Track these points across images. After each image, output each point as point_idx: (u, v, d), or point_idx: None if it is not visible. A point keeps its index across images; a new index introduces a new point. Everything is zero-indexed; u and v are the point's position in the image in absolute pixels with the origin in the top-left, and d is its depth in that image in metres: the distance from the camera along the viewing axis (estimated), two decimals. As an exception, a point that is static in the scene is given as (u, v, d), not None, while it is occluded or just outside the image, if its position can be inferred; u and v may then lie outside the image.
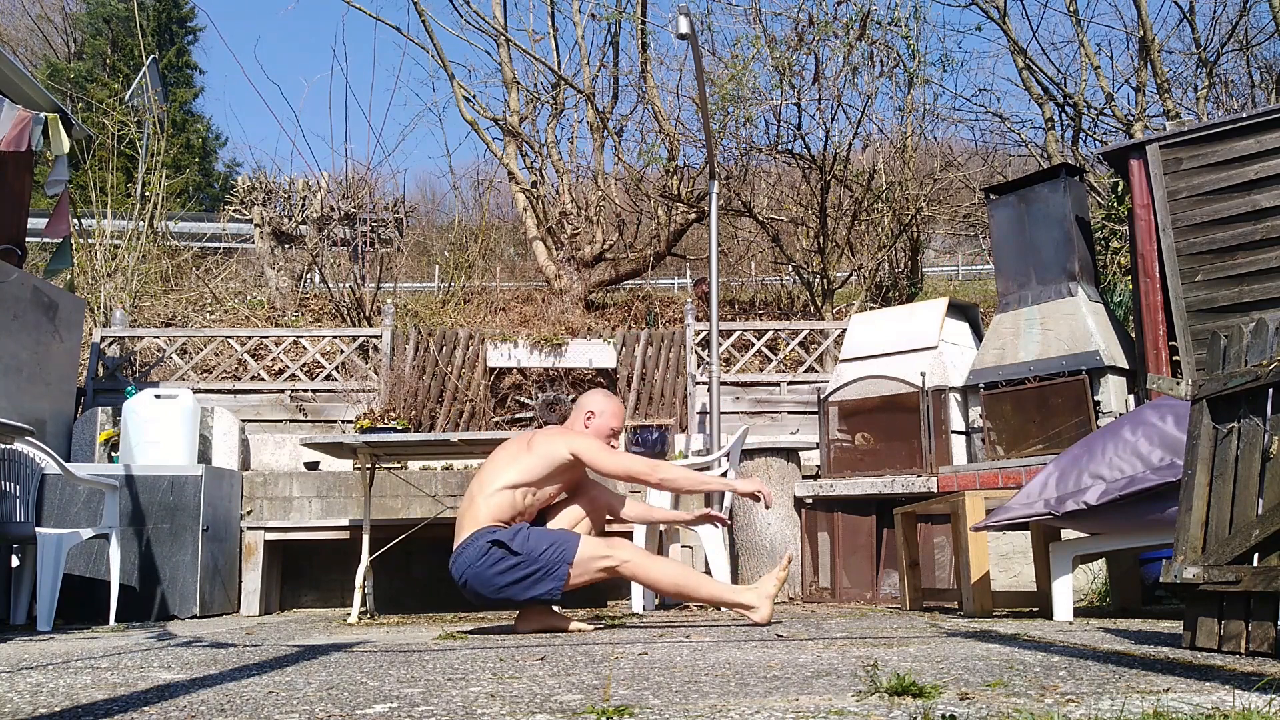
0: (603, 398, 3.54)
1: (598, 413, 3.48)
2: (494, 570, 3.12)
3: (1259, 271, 4.58)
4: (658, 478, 3.31)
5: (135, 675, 2.16)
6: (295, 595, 5.64)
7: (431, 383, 7.26)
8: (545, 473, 3.29)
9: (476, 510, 3.23)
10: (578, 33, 9.85)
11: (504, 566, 3.11)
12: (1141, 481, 2.95)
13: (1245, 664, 1.88)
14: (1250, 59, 9.99)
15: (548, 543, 3.15)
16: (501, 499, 3.23)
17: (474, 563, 3.14)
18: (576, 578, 3.13)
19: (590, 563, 3.14)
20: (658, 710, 1.46)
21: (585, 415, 3.49)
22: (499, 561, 3.11)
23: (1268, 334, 2.25)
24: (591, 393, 3.62)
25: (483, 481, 3.29)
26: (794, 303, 9.42)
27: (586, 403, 3.53)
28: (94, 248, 8.62)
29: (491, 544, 3.13)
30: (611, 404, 3.52)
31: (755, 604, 3.20)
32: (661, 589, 3.32)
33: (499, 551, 3.12)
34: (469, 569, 3.15)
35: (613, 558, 3.16)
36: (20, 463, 4.39)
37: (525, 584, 3.11)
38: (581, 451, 3.29)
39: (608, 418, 3.48)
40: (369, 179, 9.88)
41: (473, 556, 3.14)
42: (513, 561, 3.11)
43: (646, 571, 3.22)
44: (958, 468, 4.97)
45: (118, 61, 18.02)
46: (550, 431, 3.42)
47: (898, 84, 9.14)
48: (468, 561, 3.15)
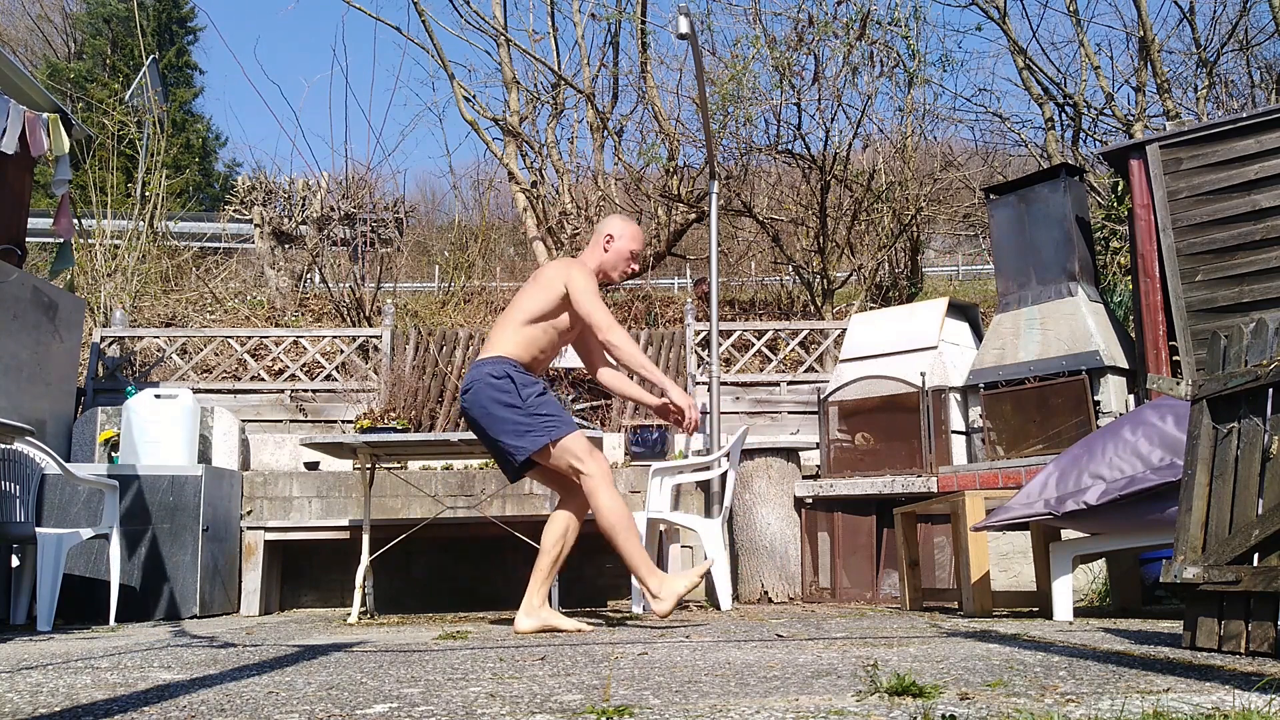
0: (620, 221, 3.58)
1: (617, 235, 3.51)
2: (496, 396, 3.23)
3: (1259, 271, 4.58)
4: (606, 336, 3.30)
5: (135, 675, 2.16)
6: (295, 595, 5.64)
7: (431, 383, 7.26)
8: (551, 305, 3.36)
9: (503, 338, 3.34)
10: (578, 33, 9.86)
11: (505, 400, 3.22)
12: (1141, 481, 2.95)
13: (1245, 664, 1.88)
14: (1250, 59, 9.99)
15: (548, 411, 3.25)
16: (524, 334, 3.35)
17: (488, 378, 3.25)
18: (552, 459, 3.23)
19: (565, 455, 3.22)
20: (658, 710, 1.46)
21: (604, 239, 3.52)
22: (505, 393, 3.23)
23: (1268, 334, 2.25)
24: (610, 217, 3.67)
25: (510, 315, 3.40)
26: (794, 303, 9.42)
27: (605, 226, 3.57)
28: (94, 248, 8.62)
29: (507, 375, 3.24)
30: (630, 227, 3.55)
31: (660, 595, 3.18)
32: (600, 519, 3.25)
33: (511, 386, 3.23)
34: (478, 381, 3.27)
35: (585, 466, 3.21)
36: (20, 463, 4.39)
37: (508, 427, 3.22)
38: (570, 280, 3.34)
39: (626, 240, 3.51)
40: (369, 179, 9.88)
41: (488, 373, 3.25)
42: (514, 401, 3.22)
43: (600, 496, 3.21)
44: (958, 468, 4.97)
45: (118, 61, 18.02)
46: (557, 263, 3.49)
47: (898, 84, 9.14)
48: (481, 375, 3.27)
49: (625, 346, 3.32)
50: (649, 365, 3.34)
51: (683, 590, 3.19)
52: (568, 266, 3.41)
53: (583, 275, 3.37)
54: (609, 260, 3.50)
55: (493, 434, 3.26)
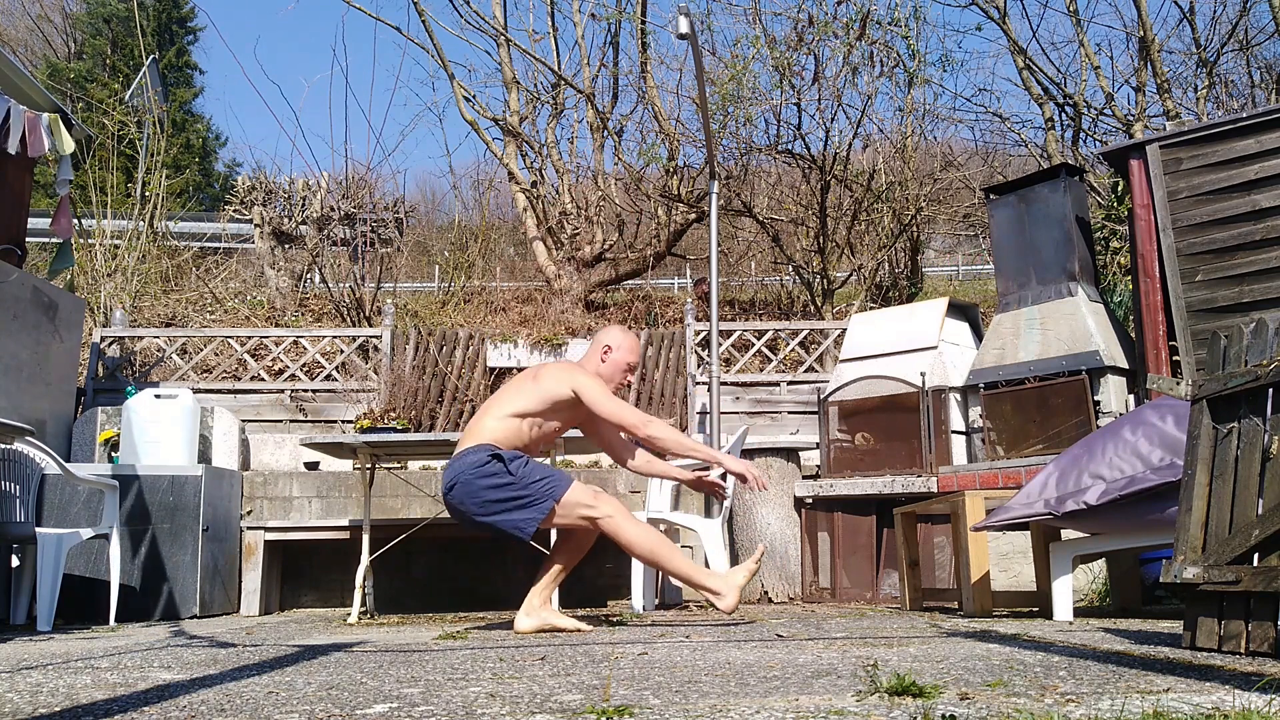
0: (620, 333, 3.54)
1: (614, 347, 3.48)
2: (484, 483, 3.14)
3: (1259, 271, 4.58)
4: (646, 432, 3.27)
5: (135, 675, 2.16)
6: (295, 595, 5.64)
7: (431, 383, 7.26)
8: (547, 406, 3.32)
9: (483, 427, 3.27)
10: (578, 33, 9.85)
11: (495, 483, 3.13)
12: (1141, 481, 2.95)
13: (1245, 664, 1.88)
14: (1250, 59, 9.99)
15: (541, 475, 3.19)
16: (509, 425, 3.28)
17: (468, 469, 3.15)
18: (559, 518, 3.18)
19: (574, 508, 3.17)
20: (658, 710, 1.46)
21: (602, 350, 3.49)
22: (492, 476, 3.14)
23: (1268, 334, 2.25)
24: (609, 328, 3.62)
25: (492, 406, 3.34)
26: (794, 303, 9.42)
27: (604, 338, 3.53)
28: (94, 248, 8.62)
29: (492, 457, 3.16)
30: (629, 340, 3.52)
31: (722, 591, 3.18)
32: (636, 553, 3.26)
33: (496, 466, 3.14)
34: (461, 475, 3.16)
35: (597, 509, 3.18)
36: (20, 463, 4.39)
37: (507, 506, 3.14)
38: (582, 390, 3.29)
39: (624, 353, 3.48)
40: (369, 179, 9.88)
41: (469, 464, 3.16)
42: (505, 480, 3.14)
43: (625, 532, 3.20)
44: (958, 468, 4.97)
45: (118, 61, 18.02)
46: (560, 366, 3.44)
47: (898, 84, 9.14)
48: (462, 467, 3.17)
49: (667, 436, 3.31)
50: (697, 446, 3.35)
51: (743, 581, 3.20)
52: (573, 372, 3.36)
53: (594, 381, 3.32)
54: (606, 371, 3.46)
55: (490, 519, 3.16)
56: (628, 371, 3.49)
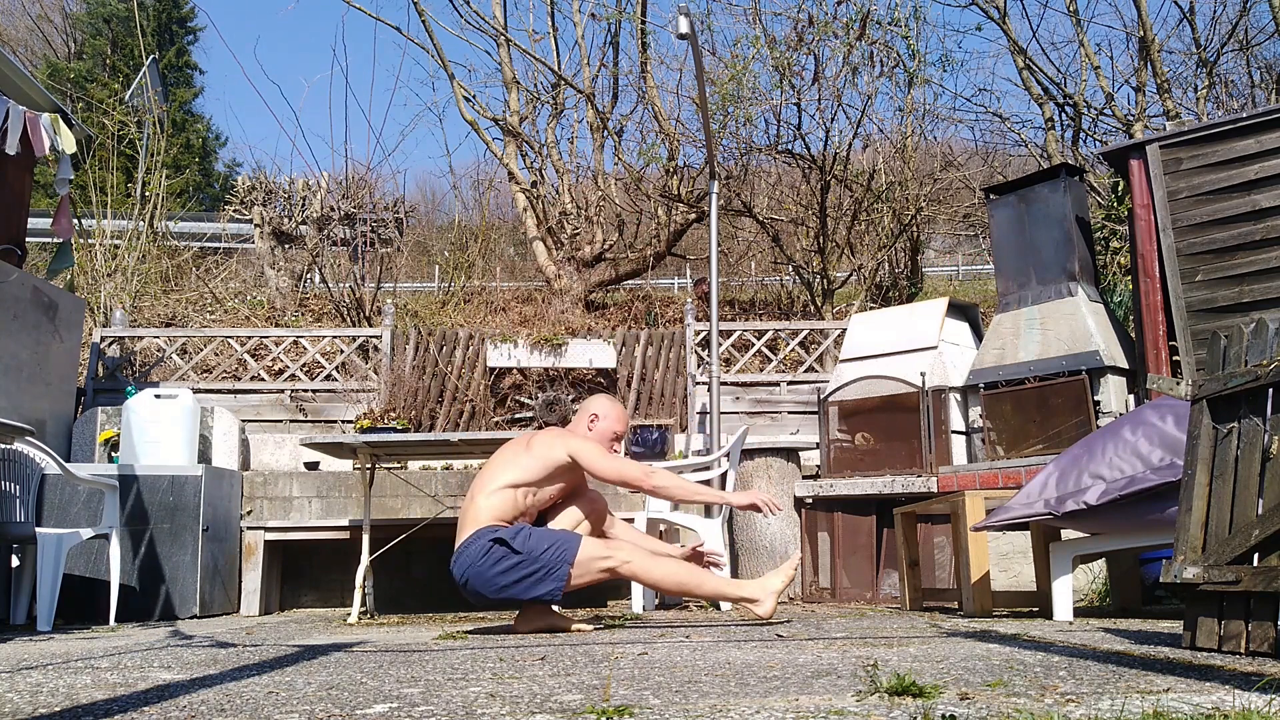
0: (607, 402, 3.55)
1: (601, 416, 3.49)
2: (495, 570, 3.11)
3: (1259, 271, 4.58)
4: (651, 484, 3.28)
5: (135, 675, 2.16)
6: (295, 595, 5.64)
7: (431, 383, 7.26)
8: (544, 474, 3.30)
9: (477, 509, 3.23)
10: (578, 33, 9.85)
11: (505, 566, 3.11)
12: (1141, 481, 2.95)
13: (1245, 664, 1.88)
14: (1250, 59, 9.99)
15: (549, 543, 3.14)
16: (503, 498, 3.24)
17: (475, 561, 3.13)
18: (578, 578, 3.13)
19: (591, 563, 3.14)
20: (658, 710, 1.46)
21: (589, 419, 3.49)
22: (500, 560, 3.11)
23: (1268, 334, 2.25)
24: (596, 397, 3.63)
25: (483, 481, 3.30)
26: (794, 303, 9.42)
27: (590, 406, 3.54)
28: (94, 248, 8.62)
29: (493, 542, 3.12)
30: (615, 409, 3.53)
31: (759, 597, 3.18)
32: (664, 588, 3.31)
33: (501, 550, 3.11)
34: (470, 568, 3.15)
35: (613, 558, 3.17)
36: (20, 463, 4.39)
37: (526, 583, 3.11)
38: (578, 454, 3.29)
39: (611, 422, 3.48)
40: (369, 179, 9.88)
41: (474, 555, 3.14)
42: (514, 560, 3.11)
43: (648, 572, 3.21)
44: (958, 468, 4.97)
45: (118, 61, 18.02)
46: (550, 433, 3.42)
47: (898, 84, 9.14)
48: (469, 560, 3.15)
49: (672, 484, 3.32)
50: (701, 491, 3.36)
51: (780, 587, 3.20)
52: (565, 438, 3.35)
53: (589, 444, 3.32)
54: (592, 440, 3.43)
55: (522, 597, 3.15)
56: (614, 440, 3.49)
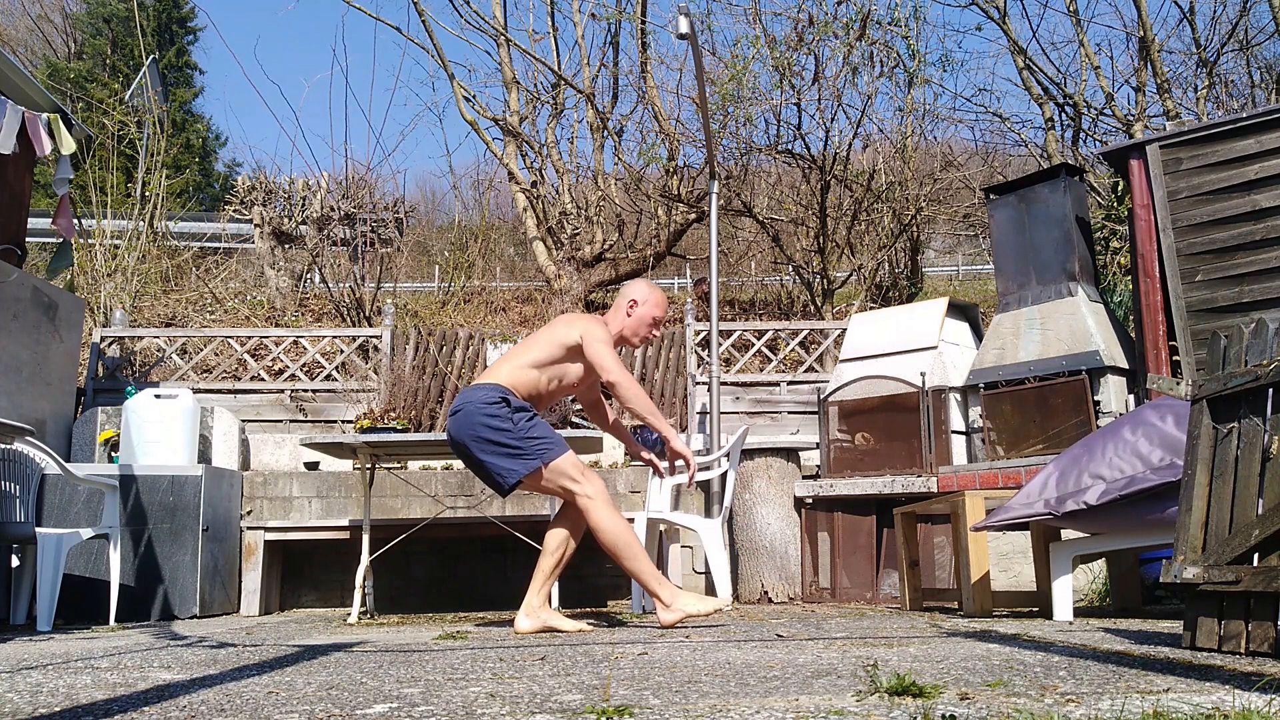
0: (646, 286, 3.56)
1: (640, 301, 3.49)
2: (484, 418, 3.17)
3: (1259, 271, 4.58)
4: (609, 378, 3.26)
5: (135, 675, 2.16)
6: (295, 595, 5.64)
7: (431, 383, 7.26)
8: (559, 355, 3.35)
9: (499, 371, 3.33)
10: (578, 33, 9.86)
11: (495, 424, 3.17)
12: (1141, 481, 2.95)
13: (1245, 664, 1.88)
14: (1250, 59, 9.99)
15: (540, 436, 3.21)
16: (525, 374, 3.33)
17: (478, 401, 3.21)
18: (544, 481, 3.20)
19: (559, 477, 3.20)
20: (658, 710, 1.46)
21: (628, 304, 3.50)
22: (494, 417, 3.18)
23: (1268, 334, 2.25)
24: (634, 281, 3.65)
25: (512, 355, 3.39)
26: (794, 303, 9.42)
27: (630, 290, 3.54)
28: (94, 248, 8.62)
29: (503, 399, 3.20)
30: (655, 293, 3.53)
31: (669, 603, 3.17)
32: (602, 539, 3.24)
33: (504, 409, 3.19)
34: (470, 404, 3.22)
35: (580, 486, 3.20)
36: (20, 463, 4.39)
37: (497, 450, 3.18)
38: (585, 333, 3.32)
39: (650, 307, 3.49)
40: (369, 179, 9.88)
41: (479, 398, 3.22)
42: (505, 426, 3.17)
43: (599, 516, 3.20)
44: (958, 468, 4.97)
45: (118, 61, 18.02)
46: (569, 316, 3.48)
47: (898, 84, 9.15)
48: (474, 398, 3.23)
49: (635, 394, 3.29)
50: (649, 410, 3.30)
51: (693, 611, 3.19)
52: (584, 319, 3.40)
53: (599, 329, 3.35)
54: (630, 325, 3.48)
55: (480, 455, 3.20)
56: (653, 326, 3.51)
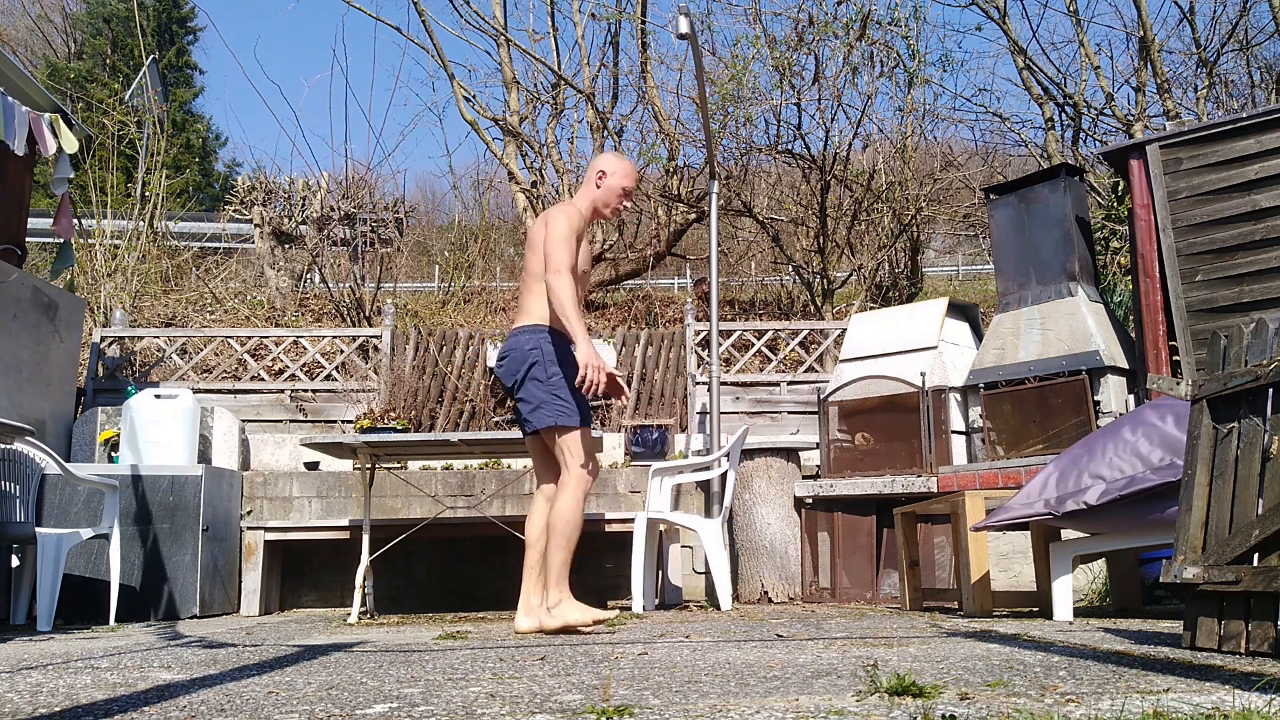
0: (614, 158, 3.55)
1: (609, 172, 3.48)
2: (526, 367, 3.31)
3: (1259, 271, 4.58)
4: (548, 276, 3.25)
5: (135, 675, 2.16)
6: (295, 595, 5.64)
7: (431, 383, 7.26)
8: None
9: (530, 307, 3.38)
10: (578, 33, 9.86)
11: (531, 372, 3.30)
12: (1141, 481, 2.95)
13: (1245, 664, 1.88)
14: (1250, 59, 9.99)
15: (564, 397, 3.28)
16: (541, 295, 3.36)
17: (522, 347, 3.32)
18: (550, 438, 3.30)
19: (565, 443, 3.28)
20: (658, 710, 1.46)
21: (597, 175, 3.50)
22: (534, 365, 3.30)
23: (1268, 334, 2.25)
24: (604, 154, 3.65)
25: (527, 274, 3.43)
26: (794, 303, 9.42)
27: (599, 162, 3.53)
28: (94, 248, 8.62)
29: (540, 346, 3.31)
30: (624, 164, 3.53)
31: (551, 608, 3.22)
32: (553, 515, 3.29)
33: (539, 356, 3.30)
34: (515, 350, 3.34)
35: (571, 464, 3.26)
36: (20, 463, 4.39)
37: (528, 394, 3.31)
38: (549, 222, 3.34)
39: (619, 178, 3.49)
40: (369, 179, 9.88)
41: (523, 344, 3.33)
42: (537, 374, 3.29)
43: (564, 496, 3.26)
44: (958, 468, 4.97)
45: (118, 61, 18.02)
46: (550, 211, 3.46)
47: (898, 84, 9.14)
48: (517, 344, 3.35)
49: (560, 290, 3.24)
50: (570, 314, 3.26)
51: (573, 621, 3.20)
52: (556, 210, 3.40)
53: (561, 219, 3.33)
54: (601, 196, 3.48)
55: (522, 394, 3.34)
56: (623, 197, 3.50)
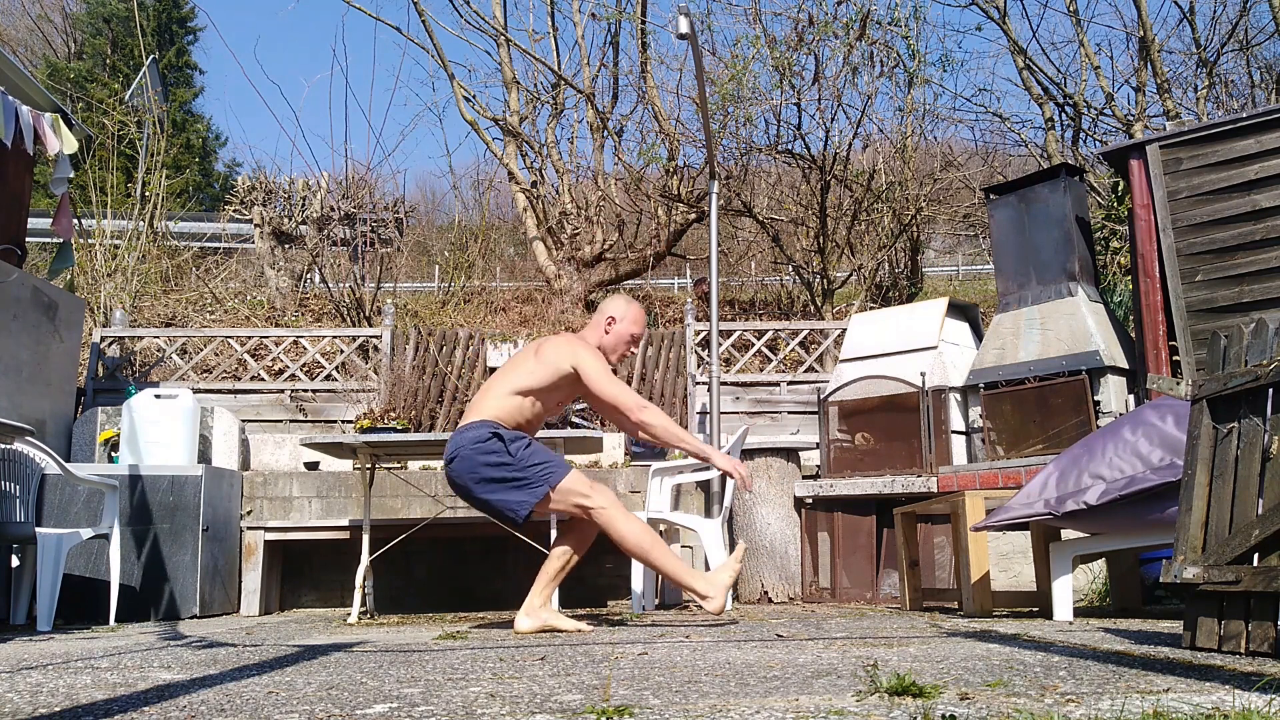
0: (624, 303, 3.51)
1: (619, 318, 3.46)
2: (484, 459, 3.16)
3: (1259, 271, 4.58)
4: (638, 417, 3.25)
5: (135, 675, 2.16)
6: (295, 595, 5.64)
7: (431, 383, 7.26)
8: (549, 382, 3.31)
9: (485, 405, 3.29)
10: (578, 33, 9.87)
11: (494, 460, 3.15)
12: (1141, 481, 2.94)
13: (1245, 664, 1.88)
14: (1250, 59, 9.99)
15: (541, 459, 3.19)
16: (511, 403, 3.29)
17: (469, 444, 3.17)
18: (554, 504, 3.19)
19: (570, 495, 3.18)
20: (658, 710, 1.46)
21: (606, 321, 3.46)
22: (492, 454, 3.16)
23: (1268, 334, 2.25)
24: (612, 298, 3.59)
25: (494, 384, 3.35)
26: (794, 303, 9.42)
27: (607, 308, 3.50)
28: (94, 248, 8.62)
29: (493, 434, 3.18)
30: (633, 309, 3.49)
31: (709, 593, 3.17)
32: (626, 547, 3.25)
33: (497, 444, 3.17)
34: (463, 448, 3.18)
35: (591, 500, 3.18)
36: (20, 463, 4.39)
37: (503, 486, 3.16)
38: (582, 366, 3.29)
39: (628, 324, 3.46)
40: (369, 179, 9.88)
41: (471, 439, 3.19)
42: (504, 459, 3.15)
43: (617, 525, 3.19)
44: (958, 468, 4.97)
45: (118, 61, 18.02)
46: (561, 340, 3.41)
47: (898, 84, 9.15)
48: (465, 441, 3.19)
49: (660, 424, 3.27)
50: (688, 438, 3.29)
51: (728, 581, 3.19)
52: (574, 346, 3.34)
53: (594, 357, 3.31)
54: (609, 342, 3.45)
55: (485, 495, 3.19)
56: (631, 343, 3.47)
